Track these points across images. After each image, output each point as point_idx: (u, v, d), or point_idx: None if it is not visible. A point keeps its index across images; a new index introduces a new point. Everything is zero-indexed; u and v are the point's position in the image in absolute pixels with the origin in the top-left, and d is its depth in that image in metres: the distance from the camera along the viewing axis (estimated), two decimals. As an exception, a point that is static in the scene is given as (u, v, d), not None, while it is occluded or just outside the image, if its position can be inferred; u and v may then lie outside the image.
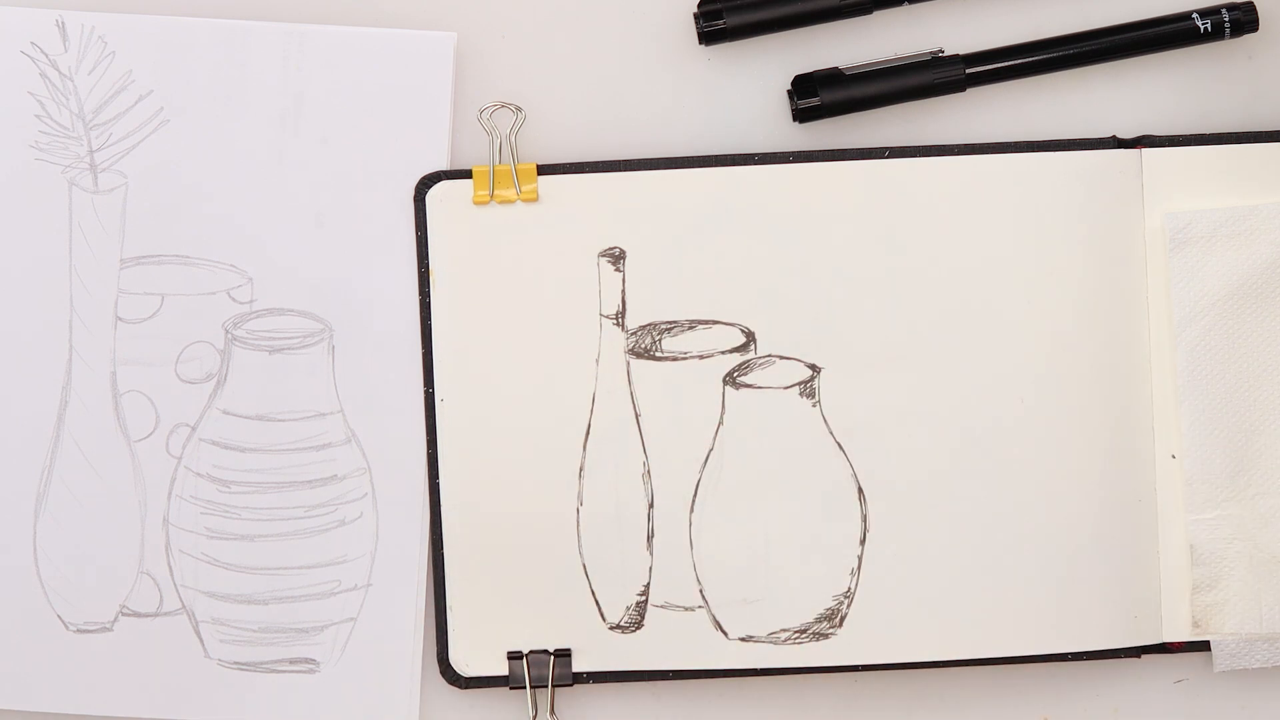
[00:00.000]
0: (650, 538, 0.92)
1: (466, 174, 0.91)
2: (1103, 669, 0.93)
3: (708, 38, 0.92)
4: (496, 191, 0.91)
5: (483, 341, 0.91)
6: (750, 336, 0.91)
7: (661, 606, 0.92)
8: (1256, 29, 0.92)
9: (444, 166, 0.92)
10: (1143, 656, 0.92)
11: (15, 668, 0.92)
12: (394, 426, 0.92)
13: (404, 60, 0.92)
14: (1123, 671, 0.93)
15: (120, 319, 0.92)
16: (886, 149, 0.91)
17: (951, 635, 0.91)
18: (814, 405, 0.91)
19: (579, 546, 0.91)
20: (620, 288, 0.91)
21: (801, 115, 0.92)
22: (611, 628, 0.92)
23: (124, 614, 0.92)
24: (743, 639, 0.92)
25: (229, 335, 0.92)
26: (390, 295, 0.92)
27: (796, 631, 0.92)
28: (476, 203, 0.91)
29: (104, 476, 0.92)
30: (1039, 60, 0.92)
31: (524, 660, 0.91)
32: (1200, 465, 0.91)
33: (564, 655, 0.91)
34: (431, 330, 0.91)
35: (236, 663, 0.92)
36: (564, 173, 0.91)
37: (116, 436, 0.92)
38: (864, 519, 0.91)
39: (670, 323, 0.91)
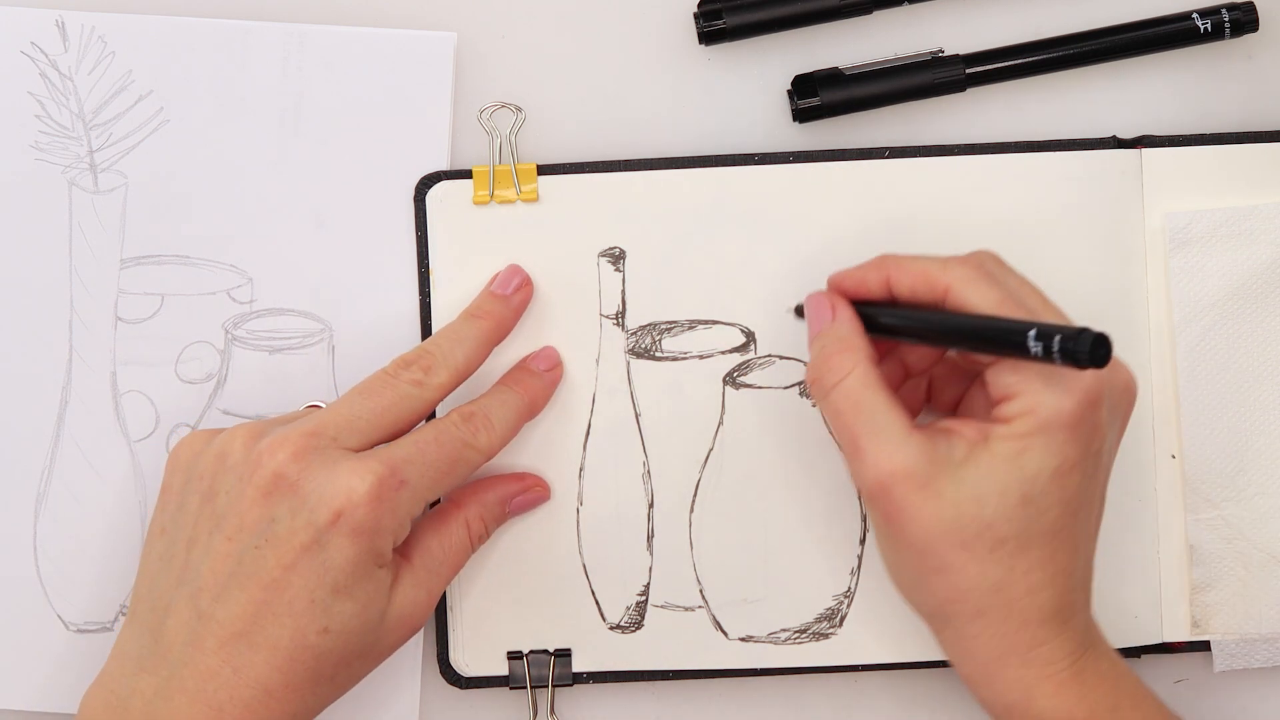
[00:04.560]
0: (650, 538, 0.92)
1: (466, 174, 0.91)
2: (1103, 669, 0.93)
3: (708, 38, 0.92)
4: (496, 191, 0.91)
5: (483, 341, 0.91)
6: (750, 336, 0.91)
7: (661, 606, 0.92)
8: (1256, 29, 0.92)
9: (444, 166, 0.92)
10: (1143, 656, 0.92)
11: (15, 668, 0.92)
12: (394, 426, 0.92)
13: (404, 60, 0.92)
14: (1123, 671, 0.93)
15: (120, 319, 0.92)
16: (886, 149, 0.91)
17: (951, 635, 0.91)
18: (814, 405, 0.91)
19: (579, 546, 0.91)
20: (620, 288, 0.91)
21: (801, 115, 0.92)
22: (611, 628, 0.92)
23: (124, 614, 0.92)
24: (743, 639, 0.92)
25: (229, 335, 0.92)
26: (390, 295, 0.92)
27: (796, 631, 0.92)
28: (476, 203, 0.91)
29: (104, 476, 0.92)
30: (1039, 60, 0.92)
31: (524, 660, 0.91)
32: (1200, 465, 0.91)
33: (564, 655, 0.92)
34: (431, 330, 0.91)
35: (236, 663, 0.92)
36: (564, 173, 0.91)
37: (116, 436, 0.92)
38: (864, 519, 0.91)
39: (670, 323, 0.91)
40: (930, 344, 0.84)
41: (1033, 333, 0.76)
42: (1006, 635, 0.81)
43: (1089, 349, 0.74)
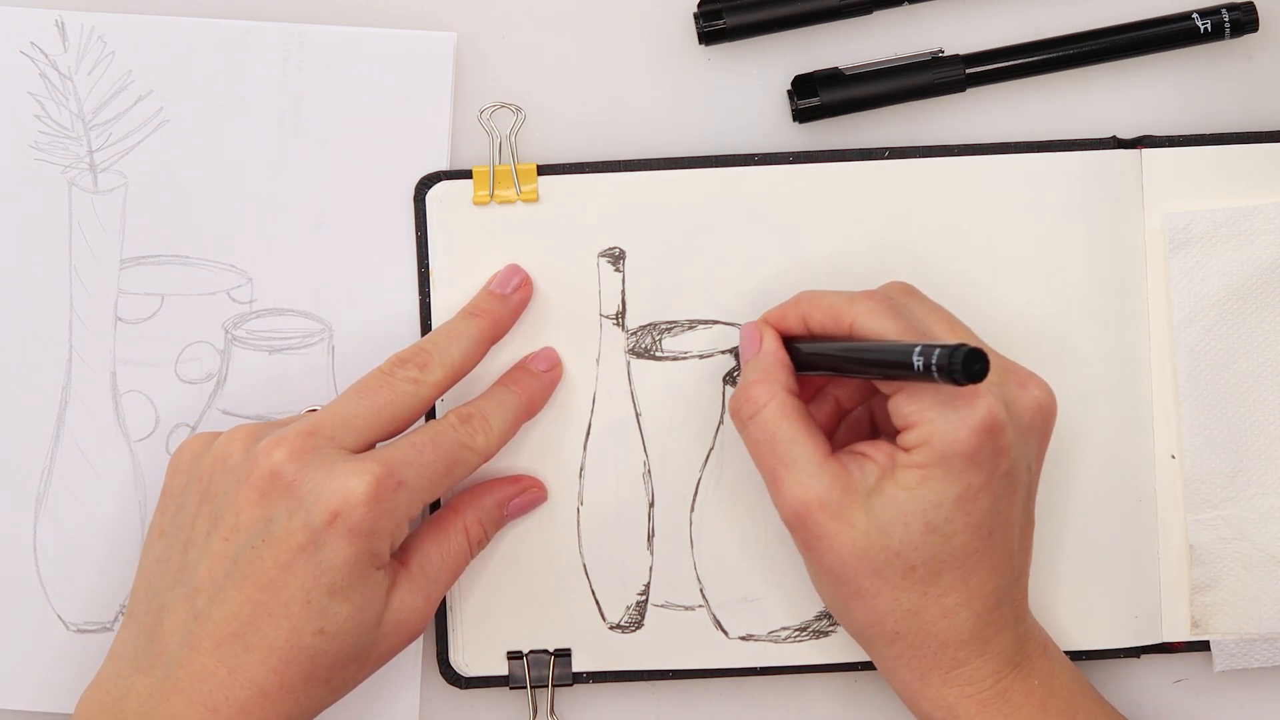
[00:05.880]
0: (650, 537, 0.92)
1: (466, 174, 0.91)
2: (1102, 669, 0.93)
3: (708, 38, 0.92)
4: (496, 191, 0.91)
5: (483, 341, 0.91)
6: (750, 336, 0.91)
7: (661, 606, 0.92)
8: (1256, 29, 0.92)
9: (444, 166, 0.92)
10: (1143, 656, 0.92)
11: (15, 668, 0.92)
12: (394, 426, 0.92)
13: (404, 60, 0.92)
14: (1123, 671, 0.93)
15: (120, 319, 0.92)
16: (886, 149, 0.91)
17: (951, 635, 0.91)
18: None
19: (579, 546, 0.91)
20: (620, 288, 0.91)
21: (801, 115, 0.92)
22: (611, 628, 0.92)
23: (124, 614, 0.92)
24: (743, 638, 0.92)
25: (229, 335, 0.92)
26: (390, 295, 0.92)
27: (797, 630, 0.92)
28: (476, 203, 0.91)
29: (104, 476, 0.92)
30: (1039, 60, 0.92)
31: (524, 660, 0.92)
32: (1200, 465, 0.91)
33: (564, 655, 0.92)
34: (431, 330, 0.91)
35: (237, 662, 0.92)
36: (564, 173, 0.91)
37: (116, 436, 0.92)
38: (864, 519, 0.91)
39: (670, 323, 0.91)
40: (839, 374, 0.85)
41: (917, 350, 0.76)
42: (925, 657, 0.82)
43: (963, 364, 0.74)
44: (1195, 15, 0.92)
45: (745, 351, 0.86)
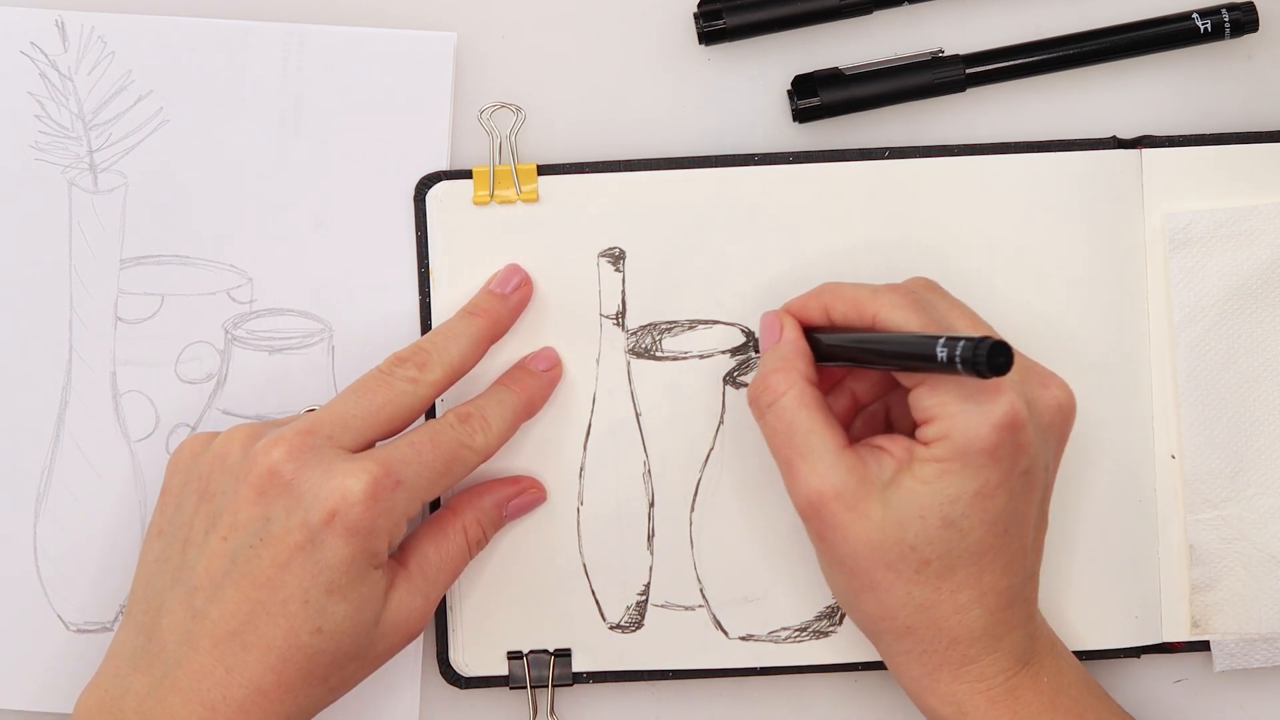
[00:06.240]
0: (650, 537, 0.92)
1: (466, 174, 0.91)
2: (1103, 669, 0.93)
3: (708, 38, 0.92)
4: (496, 191, 0.91)
5: (482, 341, 0.91)
6: (750, 336, 0.91)
7: (662, 606, 0.92)
8: (1256, 29, 0.92)
9: (444, 166, 0.92)
10: (1143, 656, 0.92)
11: (15, 668, 0.92)
12: (394, 426, 0.92)
13: (404, 60, 0.92)
14: (1123, 671, 0.93)
15: (120, 319, 0.92)
16: (886, 149, 0.91)
17: (951, 635, 0.91)
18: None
19: (579, 546, 0.91)
20: (620, 288, 0.91)
21: (801, 115, 0.92)
22: (611, 628, 0.92)
23: (124, 614, 0.92)
24: (743, 638, 0.92)
25: (229, 335, 0.92)
26: (390, 295, 0.92)
27: (797, 630, 0.92)
28: (476, 203, 0.91)
29: (104, 476, 0.92)
30: (1039, 60, 0.92)
31: (524, 660, 0.92)
32: (1200, 465, 0.91)
33: (564, 655, 0.92)
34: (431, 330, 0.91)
35: (237, 662, 0.92)
36: (564, 173, 0.91)
37: (116, 436, 0.92)
38: (864, 519, 0.91)
39: (670, 323, 0.91)
40: (860, 365, 0.85)
41: (941, 342, 0.76)
42: (936, 652, 0.82)
43: (987, 357, 0.75)
44: (1195, 15, 0.92)
45: (765, 340, 0.86)
